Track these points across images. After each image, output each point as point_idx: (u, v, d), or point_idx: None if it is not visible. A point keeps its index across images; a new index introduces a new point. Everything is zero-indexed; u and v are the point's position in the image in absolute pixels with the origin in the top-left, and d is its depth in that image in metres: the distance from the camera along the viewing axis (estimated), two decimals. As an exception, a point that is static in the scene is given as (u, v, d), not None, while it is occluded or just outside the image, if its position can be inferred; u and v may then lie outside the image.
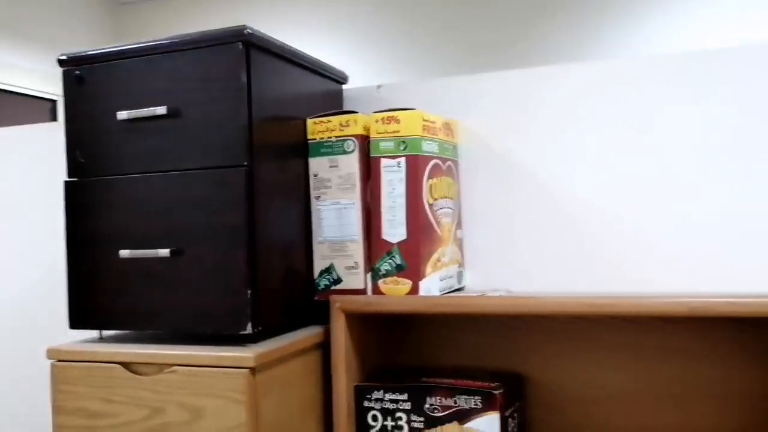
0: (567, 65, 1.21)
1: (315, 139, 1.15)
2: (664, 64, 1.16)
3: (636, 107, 1.17)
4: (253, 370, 0.94)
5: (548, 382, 1.19)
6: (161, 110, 1.02)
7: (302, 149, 1.15)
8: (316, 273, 1.16)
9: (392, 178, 1.11)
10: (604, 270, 1.18)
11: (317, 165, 1.15)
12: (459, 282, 1.24)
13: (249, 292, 0.98)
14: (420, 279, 1.09)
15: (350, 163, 1.13)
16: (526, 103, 1.23)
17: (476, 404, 1.05)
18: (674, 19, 4.22)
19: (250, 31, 1.00)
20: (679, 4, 4.21)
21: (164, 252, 1.01)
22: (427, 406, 1.08)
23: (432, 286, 1.12)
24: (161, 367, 0.99)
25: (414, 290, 1.09)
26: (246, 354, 0.95)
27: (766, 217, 1.10)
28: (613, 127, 1.18)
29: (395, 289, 1.10)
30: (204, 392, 0.96)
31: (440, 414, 1.08)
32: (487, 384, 1.08)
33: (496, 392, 1.04)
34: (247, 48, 1.00)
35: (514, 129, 1.23)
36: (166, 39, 1.04)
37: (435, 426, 1.07)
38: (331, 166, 1.14)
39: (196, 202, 1.01)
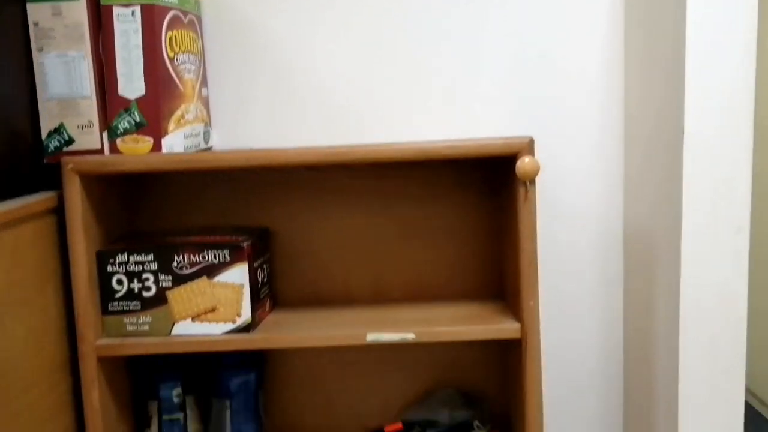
0: None
1: (32, -19, 1.03)
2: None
3: (374, -32, 1.21)
4: (-27, 234, 0.86)
5: (293, 234, 1.24)
6: None
7: (17, -7, 1.02)
8: (44, 134, 1.07)
9: (127, 28, 1.04)
10: (341, 126, 1.24)
11: (37, 12, 1.04)
12: (206, 142, 1.22)
13: (-39, 150, 0.88)
14: (162, 136, 1.06)
15: (77, 11, 1.03)
16: (267, -43, 1.20)
17: (224, 258, 1.07)
18: None
19: None
20: None
21: None
22: (174, 264, 1.08)
23: (175, 143, 1.09)
24: None
25: (156, 148, 1.06)
26: (-37, 217, 0.86)
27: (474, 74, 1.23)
28: (352, -14, 1.21)
29: (135, 148, 1.06)
30: None
31: (189, 271, 1.08)
32: (234, 238, 1.10)
33: (244, 244, 1.07)
34: None
35: (257, -15, 1.21)
36: None
37: (184, 282, 1.08)
38: (54, 14, 1.03)
39: None
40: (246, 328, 1.08)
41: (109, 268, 1.09)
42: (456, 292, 1.25)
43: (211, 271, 1.08)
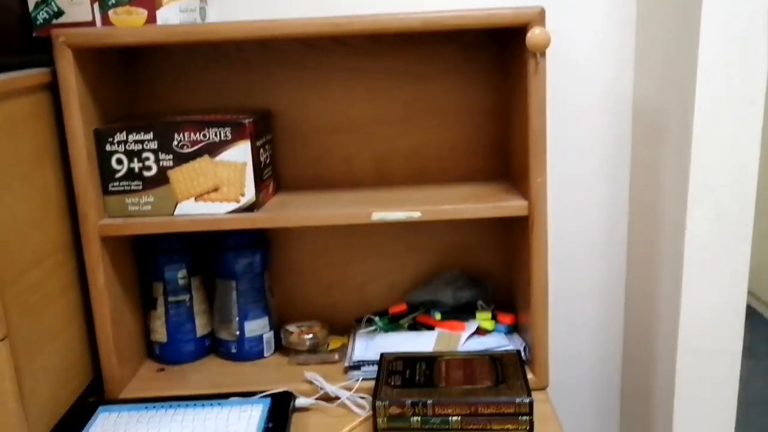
0: None
1: None
2: None
3: None
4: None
5: (294, 116, 1.21)
6: None
7: None
8: (32, 5, 1.02)
9: None
10: (343, 2, 1.19)
11: None
12: (202, 18, 1.17)
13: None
14: (157, 8, 1.01)
15: None
16: None
17: (226, 135, 1.05)
18: None
19: None
20: None
21: None
22: (175, 143, 1.06)
23: (171, 16, 1.04)
24: None
25: (150, 21, 1.01)
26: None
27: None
28: None
29: (128, 20, 1.01)
30: None
31: (190, 150, 1.06)
32: (236, 116, 1.07)
33: (245, 121, 1.04)
34: None
35: None
36: None
37: (186, 161, 1.06)
38: None
39: None
40: (250, 208, 1.07)
41: (108, 147, 1.06)
42: (461, 174, 1.24)
43: (212, 149, 1.05)
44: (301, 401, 1.07)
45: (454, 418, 0.89)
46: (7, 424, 0.86)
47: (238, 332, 1.21)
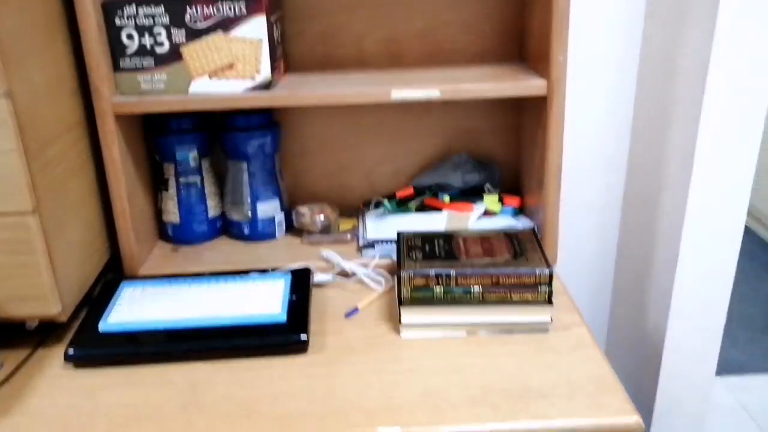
0: None
1: None
2: None
3: None
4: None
5: (308, -8, 1.18)
6: None
7: None
8: None
9: None
10: None
11: None
12: None
13: None
14: None
15: None
16: None
17: (240, 10, 1.02)
18: None
19: None
20: None
21: None
22: (187, 17, 1.03)
23: None
24: None
25: None
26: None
27: None
28: None
29: None
30: None
31: (203, 25, 1.03)
32: (249, -10, 1.04)
33: (262, -5, 1.01)
34: None
35: None
36: None
37: (199, 37, 1.03)
38: None
39: None
40: (266, 86, 1.05)
41: (118, 22, 1.03)
42: (473, 55, 1.23)
43: (227, 24, 1.03)
44: (318, 277, 1.10)
45: (476, 288, 0.92)
46: (41, 297, 0.88)
47: (250, 213, 1.22)
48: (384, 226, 1.21)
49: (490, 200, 1.25)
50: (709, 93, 1.06)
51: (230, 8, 1.02)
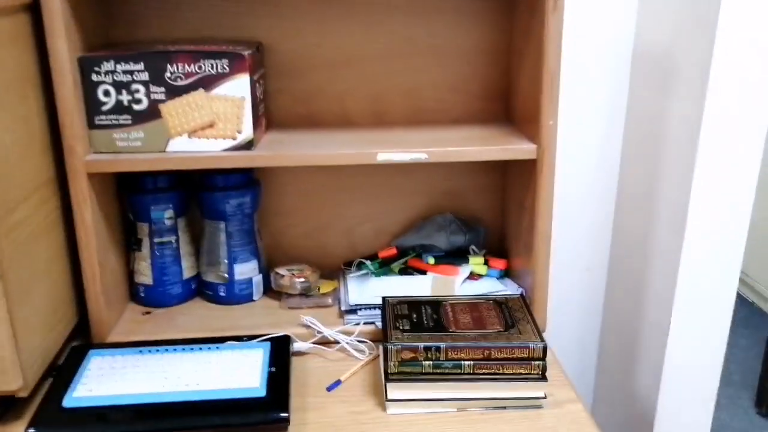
0: None
1: None
2: None
3: None
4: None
5: (285, 50, 1.15)
6: None
7: None
8: None
9: None
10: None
11: None
12: (190, -60, 1.08)
13: None
14: (149, -75, 0.93)
15: None
16: None
17: (223, 68, 0.99)
18: None
19: None
20: None
21: None
22: (168, 74, 0.99)
23: (163, -65, 0.96)
24: None
25: (142, -61, 0.93)
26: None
27: None
28: None
29: (119, -63, 0.93)
30: None
31: (184, 83, 0.99)
32: (232, 48, 1.01)
33: (245, 53, 0.98)
34: None
35: None
36: None
37: (179, 95, 1.00)
38: None
39: None
40: (247, 146, 1.02)
41: (95, 77, 0.99)
42: (459, 115, 1.21)
43: (208, 82, 0.99)
44: (298, 345, 1.05)
45: (467, 362, 0.88)
46: (1, 371, 0.82)
47: (227, 275, 1.17)
48: (366, 289, 1.16)
49: (476, 262, 1.21)
50: (701, 156, 1.05)
51: (213, 66, 0.99)
